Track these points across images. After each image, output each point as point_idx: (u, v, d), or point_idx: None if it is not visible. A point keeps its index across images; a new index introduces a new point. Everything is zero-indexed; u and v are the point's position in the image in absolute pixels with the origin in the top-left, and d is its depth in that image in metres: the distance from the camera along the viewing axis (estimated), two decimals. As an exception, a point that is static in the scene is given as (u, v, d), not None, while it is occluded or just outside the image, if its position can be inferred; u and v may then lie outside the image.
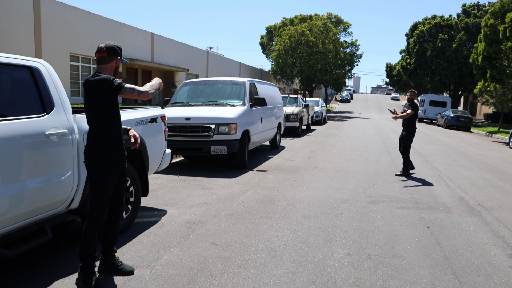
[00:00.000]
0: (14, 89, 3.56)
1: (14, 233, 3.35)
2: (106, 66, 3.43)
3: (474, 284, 3.68)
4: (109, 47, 3.44)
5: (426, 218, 5.74)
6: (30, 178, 3.41)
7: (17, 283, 3.45)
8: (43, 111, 3.63)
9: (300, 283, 3.58)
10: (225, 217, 5.49)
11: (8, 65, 3.43)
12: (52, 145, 3.63)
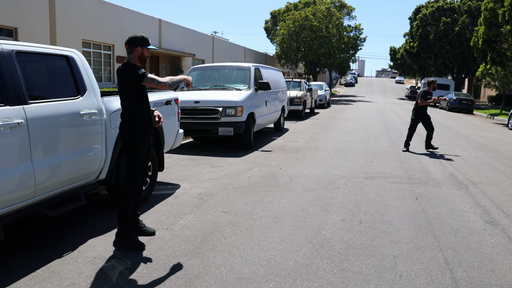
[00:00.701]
0: (54, 75, 4.11)
1: (55, 198, 3.94)
2: (131, 56, 3.94)
3: (450, 243, 4.25)
4: (129, 39, 3.95)
5: (416, 191, 6.30)
6: (69, 151, 3.99)
7: (54, 241, 4.05)
8: (77, 94, 4.19)
9: (298, 242, 4.17)
10: (233, 190, 6.07)
11: (49, 55, 3.99)
12: (85, 123, 4.20)
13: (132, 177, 3.92)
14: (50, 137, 3.78)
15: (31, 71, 3.81)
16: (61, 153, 3.91)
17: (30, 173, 3.54)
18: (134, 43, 3.93)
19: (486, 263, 3.78)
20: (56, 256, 3.73)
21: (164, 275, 3.38)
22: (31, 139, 3.54)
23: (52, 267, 3.50)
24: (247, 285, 3.26)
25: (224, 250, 3.92)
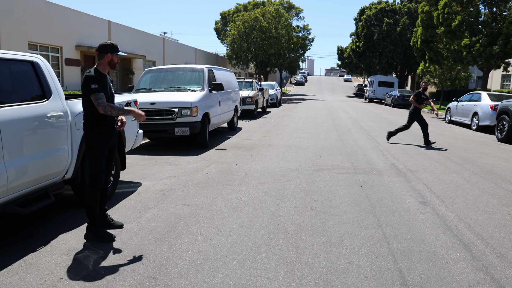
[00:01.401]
0: (21, 80, 4.30)
1: (26, 196, 4.16)
2: (100, 62, 4.21)
3: (388, 221, 4.85)
4: (100, 46, 4.23)
5: (361, 180, 6.94)
6: (38, 152, 4.21)
7: (26, 237, 4.25)
8: (44, 98, 4.41)
9: (256, 227, 4.61)
10: (193, 186, 6.42)
11: (15, 61, 4.18)
12: (52, 125, 4.43)
13: (95, 174, 4.17)
14: (20, 139, 3.99)
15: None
16: (31, 153, 4.13)
17: (2, 173, 3.75)
18: (104, 50, 4.19)
19: (417, 235, 4.40)
20: (30, 250, 3.95)
21: (137, 261, 3.71)
22: (3, 141, 3.75)
23: (28, 260, 3.73)
24: (213, 264, 3.66)
25: (189, 237, 4.30)
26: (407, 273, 3.53)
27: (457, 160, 9.04)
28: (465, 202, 5.76)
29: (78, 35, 20.00)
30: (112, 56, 4.22)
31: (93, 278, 3.40)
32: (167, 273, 3.49)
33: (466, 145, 11.58)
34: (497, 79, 36.97)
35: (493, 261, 3.80)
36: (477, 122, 16.32)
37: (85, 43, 20.22)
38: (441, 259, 3.83)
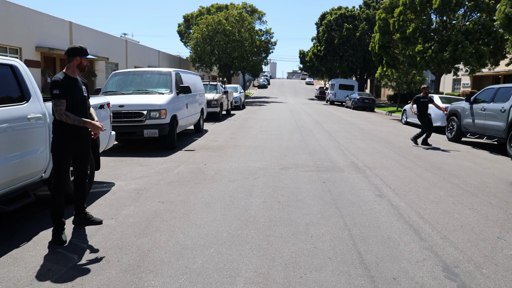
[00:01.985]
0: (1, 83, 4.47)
1: (8, 195, 4.34)
2: (69, 65, 4.33)
3: (348, 212, 5.34)
4: (68, 50, 4.33)
5: (324, 177, 7.44)
6: (19, 152, 4.40)
7: (8, 235, 4.43)
8: (23, 100, 4.60)
9: (229, 220, 4.98)
10: (165, 185, 6.71)
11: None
12: (31, 126, 4.62)
13: (58, 177, 4.23)
14: (8, 138, 4.18)
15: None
16: (13, 153, 4.32)
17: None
18: (73, 53, 4.32)
19: (374, 223, 4.90)
20: (14, 246, 4.14)
21: (120, 252, 4.00)
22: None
23: (13, 255, 3.93)
24: (192, 252, 4.00)
25: (167, 230, 4.61)
26: (365, 254, 4.01)
27: (411, 158, 9.74)
28: (416, 194, 6.36)
29: (38, 36, 19.65)
30: (81, 59, 4.32)
31: (81, 268, 3.66)
32: (150, 261, 3.80)
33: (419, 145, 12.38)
34: (449, 83, 38.98)
35: (437, 242, 4.35)
36: (430, 123, 17.33)
37: (45, 44, 19.89)
38: (394, 241, 4.34)
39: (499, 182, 7.54)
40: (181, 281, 3.41)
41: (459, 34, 21.42)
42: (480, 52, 21.38)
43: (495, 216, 5.38)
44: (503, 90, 11.80)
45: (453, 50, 21.54)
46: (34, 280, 3.42)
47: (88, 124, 4.26)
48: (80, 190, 4.69)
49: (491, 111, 11.77)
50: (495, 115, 11.56)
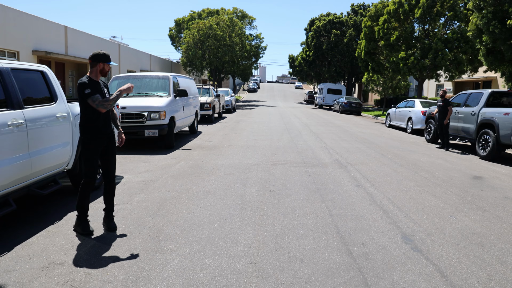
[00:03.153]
0: (35, 86, 5.28)
1: (42, 181, 5.16)
2: (92, 70, 4.87)
3: (330, 198, 6.25)
4: (93, 55, 4.81)
5: (310, 171, 8.34)
6: (51, 145, 5.23)
7: (42, 215, 5.24)
8: (52, 101, 5.44)
9: (228, 204, 5.85)
10: (169, 177, 7.55)
11: (29, 70, 5.19)
12: (59, 124, 5.46)
13: (88, 172, 4.58)
14: (40, 133, 5.01)
15: (21, 83, 4.98)
16: (48, 146, 5.15)
17: (28, 161, 4.76)
18: (97, 59, 4.77)
19: (350, 206, 5.82)
20: (49, 223, 4.96)
21: (139, 227, 4.84)
22: (28, 134, 4.77)
23: (51, 229, 4.76)
24: (199, 226, 4.86)
25: (176, 211, 5.46)
26: (341, 227, 4.91)
27: (390, 156, 10.71)
28: (389, 185, 7.30)
29: (35, 40, 20.30)
30: (104, 65, 4.77)
31: (110, 238, 4.50)
32: (166, 233, 4.65)
33: (399, 145, 13.39)
34: (432, 88, 40.34)
35: (401, 219, 5.28)
36: (411, 126, 18.43)
37: (42, 48, 20.55)
38: (366, 219, 5.25)
39: (463, 176, 8.52)
40: (193, 246, 4.27)
41: (439, 42, 22.62)
42: (458, 60, 22.57)
43: (452, 201, 6.34)
44: (474, 95, 12.86)
45: (433, 57, 22.72)
46: (74, 246, 4.25)
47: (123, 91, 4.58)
48: (110, 193, 4.86)
49: (463, 114, 12.81)
50: (466, 118, 12.59)
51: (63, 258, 3.94)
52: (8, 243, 4.28)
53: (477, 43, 14.42)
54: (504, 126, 10.59)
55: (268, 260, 3.95)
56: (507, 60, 13.90)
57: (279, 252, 4.15)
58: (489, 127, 11.34)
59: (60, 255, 4.01)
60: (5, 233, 4.59)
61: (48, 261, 3.88)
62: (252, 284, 3.46)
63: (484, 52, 14.48)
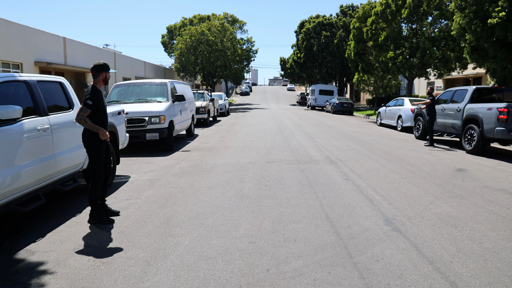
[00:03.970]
0: (55, 95, 5.87)
1: (64, 179, 5.73)
2: (96, 80, 5.36)
3: (320, 190, 6.85)
4: (95, 66, 5.31)
5: (302, 167, 8.95)
6: (71, 147, 5.81)
7: (63, 210, 5.80)
8: (70, 108, 6.02)
9: (228, 197, 6.44)
10: (172, 176, 8.13)
11: (51, 82, 5.77)
12: (76, 129, 6.03)
13: (97, 170, 5.16)
14: (62, 137, 5.59)
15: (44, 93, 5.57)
16: (68, 148, 5.73)
17: (53, 161, 5.34)
18: (100, 69, 5.29)
19: (339, 196, 6.43)
20: (71, 216, 5.53)
21: (151, 217, 5.42)
22: (53, 138, 5.35)
23: (74, 220, 5.33)
24: (204, 216, 5.45)
25: (182, 203, 6.05)
26: (330, 213, 5.52)
27: (379, 153, 11.35)
28: (376, 178, 7.93)
29: (37, 52, 20.83)
30: (106, 73, 5.32)
31: (126, 225, 5.08)
32: (175, 221, 5.24)
33: (388, 142, 14.05)
34: (423, 86, 41.14)
35: (384, 206, 5.91)
36: (401, 124, 19.12)
37: (43, 59, 21.08)
38: (353, 206, 5.87)
39: (447, 169, 9.17)
40: (200, 231, 4.86)
41: (426, 41, 23.38)
42: (446, 58, 23.34)
43: (434, 191, 6.97)
44: (459, 92, 13.54)
45: (421, 56, 23.47)
46: (96, 233, 4.82)
47: (100, 131, 5.08)
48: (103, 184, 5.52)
49: (450, 110, 13.48)
50: (452, 114, 13.27)
51: (89, 242, 4.53)
52: (41, 231, 4.88)
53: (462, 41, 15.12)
54: (488, 120, 11.24)
55: (266, 241, 4.55)
56: (491, 57, 14.59)
57: (275, 234, 4.75)
58: (474, 122, 11.99)
59: (86, 240, 4.59)
60: (37, 223, 5.18)
61: (77, 244, 4.46)
62: (253, 259, 4.06)
63: (468, 50, 15.18)
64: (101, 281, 3.64)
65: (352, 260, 4.05)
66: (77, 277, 3.74)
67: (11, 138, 4.60)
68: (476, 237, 4.76)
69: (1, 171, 4.35)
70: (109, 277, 3.73)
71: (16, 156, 4.66)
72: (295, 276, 3.69)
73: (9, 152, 4.54)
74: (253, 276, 3.69)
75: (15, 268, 3.95)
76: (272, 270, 3.82)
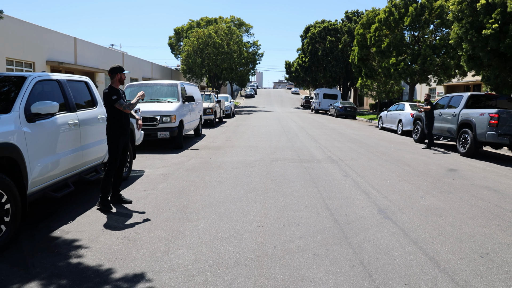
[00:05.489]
0: (82, 93, 6.50)
1: (89, 170, 6.36)
2: (113, 81, 5.97)
3: (322, 185, 7.46)
4: (112, 69, 5.91)
5: (305, 165, 9.56)
6: (96, 140, 6.44)
7: (88, 198, 6.43)
8: (94, 106, 6.65)
9: (237, 189, 7.05)
10: (184, 171, 8.75)
11: (78, 81, 6.41)
12: (99, 124, 6.67)
13: (113, 161, 5.77)
14: (88, 131, 6.23)
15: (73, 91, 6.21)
16: (92, 141, 6.36)
17: (81, 153, 5.97)
18: (115, 71, 5.88)
19: (338, 190, 7.04)
20: (95, 203, 6.15)
21: (168, 205, 6.03)
22: (81, 132, 5.98)
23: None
24: (216, 204, 6.06)
25: (195, 194, 6.67)
26: (329, 204, 6.13)
27: (378, 154, 11.94)
28: (373, 175, 8.53)
29: (49, 51, 21.56)
30: (121, 74, 5.89)
31: (146, 212, 5.70)
32: (190, 209, 5.85)
33: (388, 145, 14.63)
34: (425, 92, 41.70)
35: (379, 198, 6.51)
36: (402, 128, 19.71)
37: (54, 58, 21.81)
38: (350, 198, 6.47)
39: (440, 168, 9.76)
40: (213, 216, 5.48)
41: (427, 48, 23.98)
42: (446, 65, 23.92)
43: (425, 187, 7.57)
44: (456, 98, 14.13)
45: (422, 63, 24.06)
46: (121, 217, 5.44)
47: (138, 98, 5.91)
48: (119, 176, 6.10)
49: (446, 115, 14.07)
50: (449, 119, 13.85)
51: (115, 224, 5.15)
52: (70, 215, 5.50)
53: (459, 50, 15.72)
54: (480, 125, 11.84)
55: (272, 225, 5.16)
56: (486, 65, 15.18)
57: (281, 220, 5.36)
58: (468, 127, 12.58)
59: (112, 223, 5.22)
60: (66, 208, 5.80)
61: (105, 226, 5.09)
62: (261, 238, 4.67)
63: (465, 58, 15.77)
64: (131, 254, 4.26)
65: (347, 240, 4.65)
66: (109, 250, 4.35)
67: (49, 131, 5.23)
68: (456, 224, 5.35)
69: (42, 159, 4.99)
70: (138, 251, 4.34)
71: (53, 146, 5.29)
72: (298, 252, 4.30)
73: (48, 143, 5.18)
74: (262, 251, 4.30)
75: (54, 244, 4.56)
76: (278, 247, 4.43)
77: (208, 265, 3.97)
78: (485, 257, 4.28)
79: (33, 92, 5.17)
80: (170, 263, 4.01)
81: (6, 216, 4.34)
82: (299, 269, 3.88)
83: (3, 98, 5.01)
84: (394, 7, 25.91)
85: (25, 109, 4.86)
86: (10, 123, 4.55)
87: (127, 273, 3.80)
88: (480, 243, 4.68)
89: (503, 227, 5.33)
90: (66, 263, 4.02)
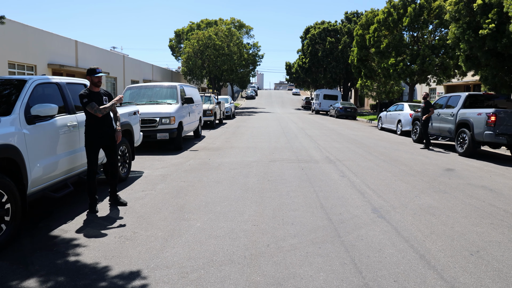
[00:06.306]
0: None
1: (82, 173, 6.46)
2: (90, 83, 5.92)
3: (318, 185, 7.55)
4: (86, 71, 5.89)
5: (303, 166, 9.65)
6: (95, 142, 6.55)
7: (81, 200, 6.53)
8: (94, 108, 6.75)
9: (235, 189, 7.14)
10: (182, 172, 8.85)
11: (77, 84, 6.52)
12: (99, 126, 6.75)
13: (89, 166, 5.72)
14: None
15: (72, 94, 6.31)
16: (91, 143, 6.46)
17: (80, 154, 6.07)
18: (87, 73, 5.85)
19: (334, 190, 7.13)
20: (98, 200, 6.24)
21: (165, 205, 6.13)
22: (80, 134, 6.09)
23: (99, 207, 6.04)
24: (213, 204, 6.15)
25: (193, 195, 6.76)
26: (324, 204, 6.22)
27: (376, 154, 12.02)
28: (370, 175, 8.61)
29: (50, 55, 21.68)
30: (91, 77, 5.77)
31: (144, 211, 5.80)
32: (187, 208, 5.95)
33: (386, 145, 14.71)
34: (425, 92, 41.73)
35: (374, 198, 6.60)
36: (401, 128, 19.78)
37: (56, 61, 21.93)
38: (346, 198, 6.56)
39: (437, 168, 9.84)
40: (210, 216, 5.57)
41: (426, 49, 24.07)
42: (445, 65, 24.00)
43: (421, 186, 7.65)
44: (453, 98, 14.21)
45: (421, 63, 24.14)
46: (120, 217, 5.54)
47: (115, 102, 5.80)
48: (113, 178, 6.12)
49: (444, 115, 14.15)
50: (447, 119, 13.93)
51: (113, 224, 5.25)
52: (69, 215, 5.61)
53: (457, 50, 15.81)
54: (477, 125, 11.92)
55: (267, 224, 5.25)
56: (483, 65, 15.25)
57: (275, 219, 5.45)
58: (466, 127, 12.66)
59: (110, 222, 5.32)
60: (65, 208, 5.91)
61: (103, 226, 5.19)
62: (255, 237, 4.76)
63: (463, 58, 15.85)
64: (128, 252, 4.36)
65: (340, 239, 4.74)
66: (106, 249, 4.45)
67: (48, 132, 5.34)
68: (449, 222, 5.44)
69: (42, 160, 5.09)
70: (134, 249, 4.44)
71: (53, 148, 5.40)
72: (291, 250, 4.39)
73: (47, 144, 5.29)
74: (256, 250, 4.40)
75: (53, 242, 4.66)
76: (272, 245, 4.53)
77: (202, 262, 4.07)
78: (475, 255, 4.37)
79: (33, 95, 5.28)
80: (165, 261, 4.11)
81: (7, 216, 4.45)
82: (291, 267, 3.98)
83: (4, 100, 5.13)
84: (392, 8, 26.00)
85: (25, 111, 4.98)
86: (11, 125, 4.66)
87: (123, 270, 3.90)
88: (471, 241, 4.77)
89: (496, 226, 5.41)
90: (64, 261, 4.12)
